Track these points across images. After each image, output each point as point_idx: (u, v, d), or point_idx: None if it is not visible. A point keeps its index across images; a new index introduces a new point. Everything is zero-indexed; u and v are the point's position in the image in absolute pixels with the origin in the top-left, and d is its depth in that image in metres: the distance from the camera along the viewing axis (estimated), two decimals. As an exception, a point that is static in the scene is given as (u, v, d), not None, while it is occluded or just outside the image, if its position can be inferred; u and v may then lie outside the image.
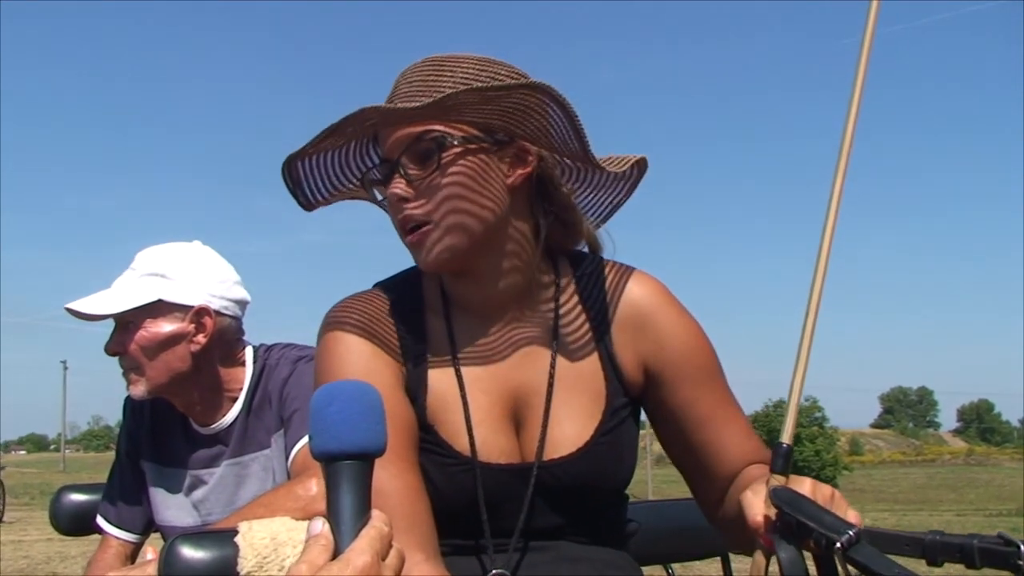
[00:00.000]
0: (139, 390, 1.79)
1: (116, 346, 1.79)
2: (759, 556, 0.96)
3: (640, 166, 1.28)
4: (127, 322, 1.78)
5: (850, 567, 0.85)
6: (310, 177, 1.24)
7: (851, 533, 0.84)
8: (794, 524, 0.90)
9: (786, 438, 1.00)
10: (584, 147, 1.15)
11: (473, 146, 1.13)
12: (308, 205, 1.23)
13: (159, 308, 1.77)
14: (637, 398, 1.27)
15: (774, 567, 0.94)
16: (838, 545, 0.84)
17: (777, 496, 0.93)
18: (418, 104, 1.09)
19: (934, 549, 0.88)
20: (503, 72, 1.14)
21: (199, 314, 1.80)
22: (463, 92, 1.08)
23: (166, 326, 1.78)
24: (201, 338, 1.80)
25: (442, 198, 1.13)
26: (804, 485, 0.96)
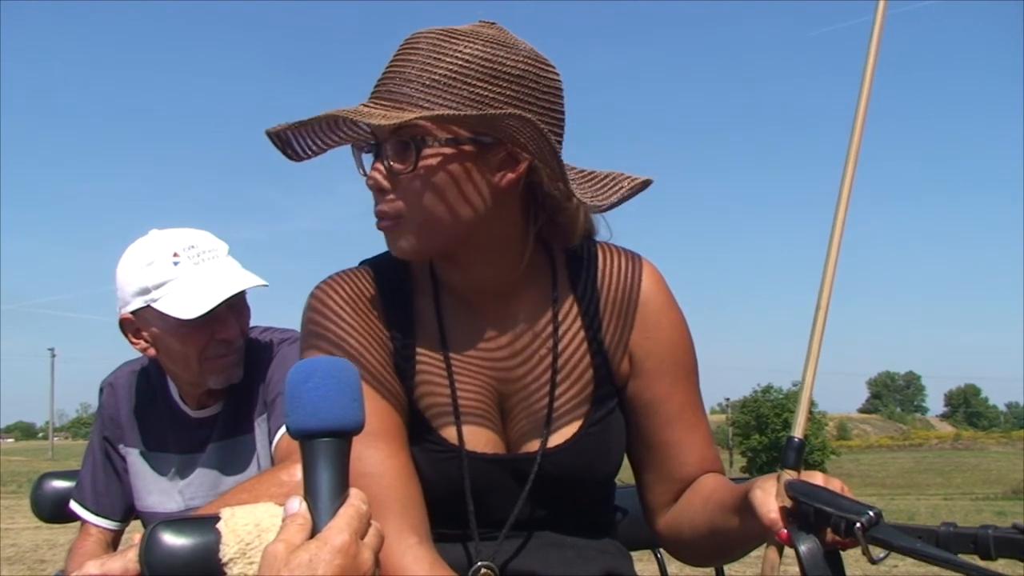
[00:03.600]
0: (239, 373, 1.75)
1: (238, 330, 1.74)
2: (772, 551, 0.95)
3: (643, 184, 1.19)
4: (239, 304, 1.75)
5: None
6: (299, 133, 1.16)
7: (871, 514, 0.85)
8: (811, 513, 0.90)
9: (798, 432, 1.00)
10: (566, 185, 1.09)
11: (455, 149, 1.07)
12: (296, 157, 1.18)
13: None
14: (623, 388, 1.24)
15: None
16: (858, 525, 0.85)
17: (793, 488, 0.93)
18: (396, 120, 1.02)
19: (948, 540, 0.89)
20: (508, 60, 1.07)
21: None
22: (442, 116, 1.03)
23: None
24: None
25: (416, 198, 1.08)
26: (816, 478, 0.96)
